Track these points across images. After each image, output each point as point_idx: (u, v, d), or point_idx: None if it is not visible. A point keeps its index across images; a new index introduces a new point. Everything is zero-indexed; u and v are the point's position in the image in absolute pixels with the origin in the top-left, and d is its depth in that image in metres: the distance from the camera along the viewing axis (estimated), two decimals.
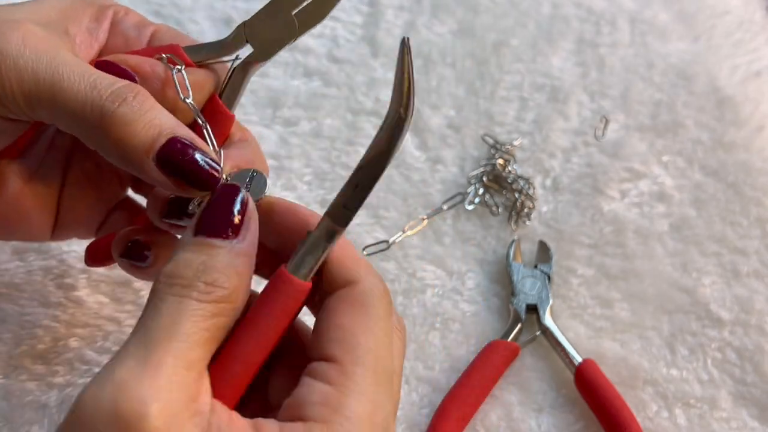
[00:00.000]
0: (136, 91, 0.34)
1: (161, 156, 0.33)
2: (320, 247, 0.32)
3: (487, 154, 0.57)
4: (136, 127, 0.33)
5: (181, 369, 0.28)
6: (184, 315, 0.29)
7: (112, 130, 0.33)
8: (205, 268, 0.30)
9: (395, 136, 0.30)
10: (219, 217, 0.31)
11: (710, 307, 0.52)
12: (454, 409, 0.46)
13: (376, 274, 0.33)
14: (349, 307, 0.32)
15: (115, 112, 0.33)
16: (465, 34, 0.63)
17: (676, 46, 0.63)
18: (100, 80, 0.33)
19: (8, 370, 0.46)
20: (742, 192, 0.56)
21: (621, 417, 0.46)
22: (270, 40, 0.37)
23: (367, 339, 0.31)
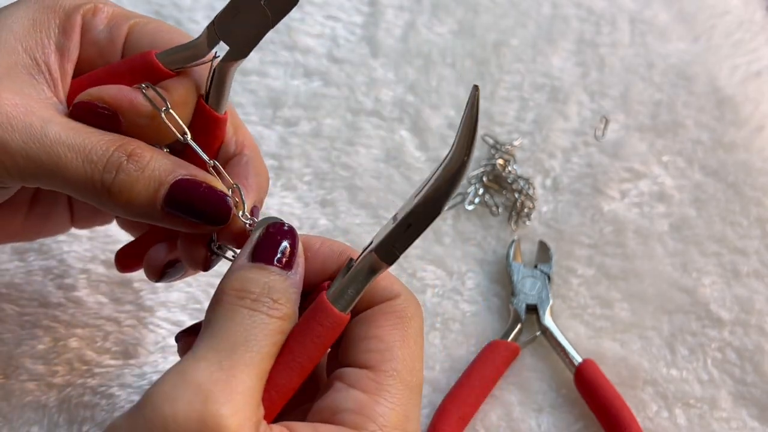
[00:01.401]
0: (128, 151, 0.34)
1: (169, 203, 0.34)
2: (362, 281, 0.32)
3: (487, 154, 0.57)
4: (138, 188, 0.34)
5: (254, 378, 0.29)
6: (257, 327, 0.30)
7: (116, 197, 0.34)
8: (270, 289, 0.31)
9: (455, 180, 0.30)
10: (274, 248, 0.33)
11: (710, 307, 0.52)
12: (454, 409, 0.46)
13: (411, 292, 0.35)
14: (388, 320, 0.33)
15: (114, 182, 0.33)
16: (465, 34, 0.63)
17: (676, 46, 0.63)
18: (93, 150, 0.34)
19: (8, 370, 0.46)
20: (742, 192, 0.56)
21: (621, 417, 0.46)
22: (244, 35, 0.35)
23: (403, 352, 0.32)
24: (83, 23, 0.37)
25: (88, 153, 0.33)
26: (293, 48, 0.61)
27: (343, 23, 0.62)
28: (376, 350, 0.32)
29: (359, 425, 0.30)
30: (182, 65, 0.36)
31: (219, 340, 0.30)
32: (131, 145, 0.34)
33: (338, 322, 0.32)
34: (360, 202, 0.55)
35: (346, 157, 0.56)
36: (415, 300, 0.34)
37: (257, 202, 0.38)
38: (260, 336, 0.30)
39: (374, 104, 0.59)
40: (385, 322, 0.33)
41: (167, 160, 0.35)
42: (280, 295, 0.31)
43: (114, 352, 0.47)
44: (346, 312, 0.32)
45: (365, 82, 0.60)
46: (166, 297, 0.49)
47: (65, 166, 0.33)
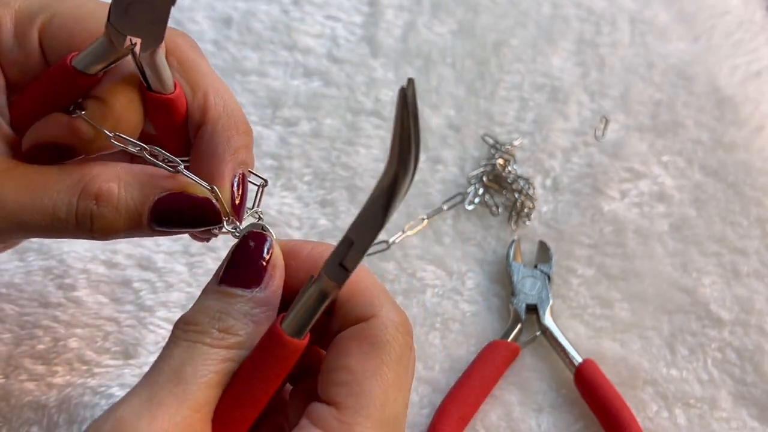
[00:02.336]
0: (93, 192, 0.32)
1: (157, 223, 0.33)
2: (314, 305, 0.30)
3: (487, 154, 0.57)
4: (119, 225, 0.33)
5: (185, 409, 0.28)
6: (194, 358, 0.29)
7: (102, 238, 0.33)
8: (221, 316, 0.30)
9: (391, 195, 0.27)
10: (242, 265, 0.31)
11: (710, 307, 0.52)
12: (454, 409, 0.46)
13: (393, 307, 0.31)
14: (358, 346, 0.30)
15: (94, 229, 0.33)
16: (465, 34, 0.63)
17: (676, 46, 0.63)
18: (57, 208, 0.32)
19: (8, 370, 0.46)
20: (742, 192, 0.56)
21: (621, 417, 0.46)
22: (150, 23, 0.32)
23: (373, 384, 0.29)
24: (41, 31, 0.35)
25: (53, 211, 0.32)
26: (293, 48, 0.61)
27: (343, 23, 0.62)
28: (343, 384, 0.29)
29: None
30: (102, 67, 0.34)
31: (155, 375, 0.29)
32: (94, 183, 0.33)
33: (290, 349, 0.30)
34: (360, 202, 0.55)
35: (346, 157, 0.56)
36: (396, 318, 0.31)
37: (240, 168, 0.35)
38: (197, 367, 0.29)
39: (374, 104, 0.59)
40: (357, 350, 0.30)
41: (137, 183, 0.33)
42: (233, 323, 0.30)
43: (114, 352, 0.47)
44: (300, 337, 0.30)
45: (365, 82, 0.60)
46: (166, 297, 0.49)
47: (37, 228, 0.32)
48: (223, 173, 0.34)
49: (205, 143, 0.35)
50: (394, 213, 0.28)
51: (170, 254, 0.51)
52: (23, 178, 0.33)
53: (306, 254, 0.33)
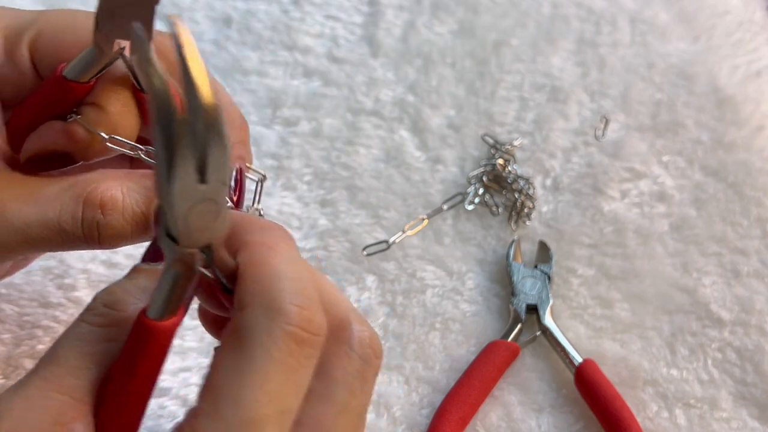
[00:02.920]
0: (96, 201, 0.32)
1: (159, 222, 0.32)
2: (169, 284, 0.27)
3: (487, 154, 0.57)
4: (126, 232, 0.32)
5: (50, 392, 0.27)
6: (69, 338, 0.28)
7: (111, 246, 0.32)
8: (111, 290, 0.28)
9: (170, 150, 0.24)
10: (153, 244, 0.30)
11: (710, 307, 0.52)
12: (454, 409, 0.46)
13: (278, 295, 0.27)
14: (229, 341, 0.27)
15: (102, 239, 0.32)
16: (465, 34, 0.63)
17: (677, 46, 0.63)
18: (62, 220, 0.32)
19: (8, 370, 0.46)
20: (743, 192, 0.56)
21: (621, 417, 0.46)
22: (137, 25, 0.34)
23: (228, 382, 0.26)
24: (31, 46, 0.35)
25: (58, 223, 0.32)
26: (293, 48, 0.61)
27: (343, 23, 0.62)
28: (204, 386, 0.26)
29: None
30: (94, 74, 0.34)
31: None
32: (97, 192, 0.32)
33: (150, 332, 0.27)
34: (360, 202, 0.55)
35: (346, 157, 0.56)
36: (275, 306, 0.26)
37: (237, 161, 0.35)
38: (71, 347, 0.27)
39: (374, 104, 0.59)
40: (225, 345, 0.27)
41: (140, 188, 0.33)
42: (122, 296, 0.28)
43: None
44: (163, 319, 0.27)
45: (365, 82, 0.60)
46: None
47: (44, 242, 0.32)
48: None
49: None
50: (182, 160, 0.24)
51: None
52: (24, 188, 0.32)
53: None
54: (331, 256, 0.52)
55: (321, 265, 0.52)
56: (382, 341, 0.49)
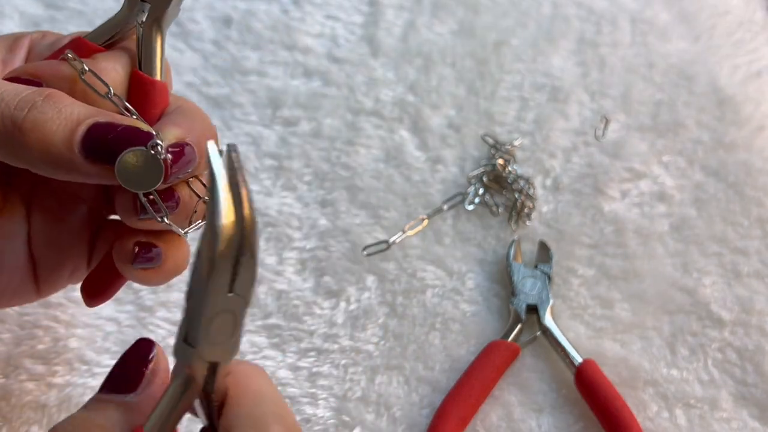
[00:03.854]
0: (45, 93, 0.33)
1: (86, 145, 0.32)
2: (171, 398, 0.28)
3: (487, 154, 0.57)
4: (52, 126, 0.32)
5: None
6: None
7: (29, 136, 0.32)
8: (86, 426, 0.28)
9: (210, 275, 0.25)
10: (120, 372, 0.30)
11: (711, 308, 0.52)
12: (454, 409, 0.46)
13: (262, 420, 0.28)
14: None
15: (26, 118, 0.32)
16: (465, 33, 0.63)
17: (677, 46, 0.63)
18: (6, 93, 0.32)
19: (8, 370, 0.46)
20: (743, 192, 0.56)
21: (621, 417, 0.46)
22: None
23: None
24: (31, 44, 0.38)
25: (2, 96, 0.32)
26: (293, 48, 0.61)
27: (343, 23, 0.62)
28: None
29: None
30: (110, 38, 0.36)
31: None
32: (49, 90, 0.33)
33: None
34: (360, 202, 0.55)
35: (346, 157, 0.56)
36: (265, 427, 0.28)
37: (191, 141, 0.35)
38: None
39: (374, 104, 0.59)
40: None
41: (88, 107, 0.33)
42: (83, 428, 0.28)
43: (114, 352, 0.47)
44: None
45: (365, 82, 0.60)
46: (166, 297, 0.49)
47: None
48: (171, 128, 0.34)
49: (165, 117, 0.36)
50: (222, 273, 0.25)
51: None
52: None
53: None
54: (331, 256, 0.52)
55: (321, 265, 0.52)
56: (382, 341, 0.50)
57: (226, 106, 0.58)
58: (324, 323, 0.50)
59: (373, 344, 0.50)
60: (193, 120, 0.36)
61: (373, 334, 0.50)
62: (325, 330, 0.50)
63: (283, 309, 0.50)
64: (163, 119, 0.36)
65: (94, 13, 0.61)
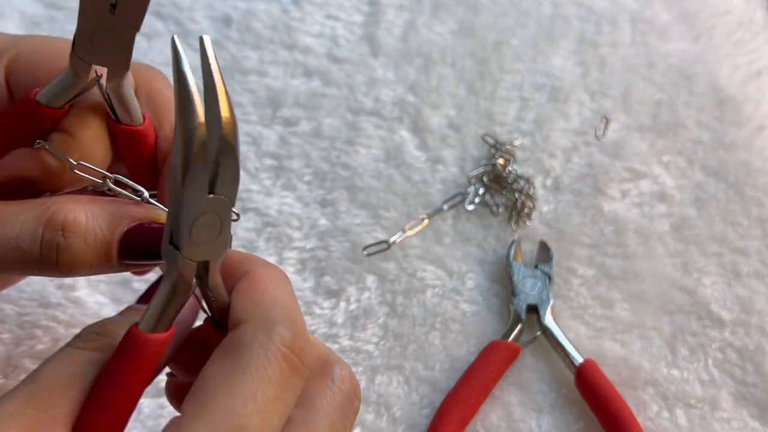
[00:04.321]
0: (58, 223, 0.31)
1: (123, 256, 0.32)
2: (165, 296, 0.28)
3: (487, 154, 0.57)
4: (86, 258, 0.31)
5: (27, 408, 0.27)
6: (54, 360, 0.28)
7: (68, 272, 0.31)
8: (105, 321, 0.29)
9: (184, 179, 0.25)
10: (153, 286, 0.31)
11: (711, 308, 0.52)
12: (454, 409, 0.46)
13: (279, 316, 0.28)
14: (220, 354, 0.27)
15: (60, 263, 0.31)
16: (465, 33, 0.63)
17: (677, 46, 0.63)
18: (20, 238, 0.31)
19: (8, 370, 0.46)
20: (743, 192, 0.56)
21: (621, 417, 0.46)
22: (114, 53, 0.32)
23: (220, 389, 0.26)
24: (7, 74, 0.35)
25: (16, 242, 0.30)
26: (293, 47, 0.61)
27: (343, 23, 0.62)
28: (192, 392, 0.27)
29: None
30: (68, 99, 0.33)
31: None
32: (60, 214, 0.31)
33: (141, 344, 0.27)
34: (360, 202, 0.55)
35: (346, 157, 0.56)
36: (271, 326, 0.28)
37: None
38: (54, 367, 0.27)
39: (374, 104, 0.59)
40: (217, 357, 0.27)
41: (104, 213, 0.32)
42: (112, 326, 0.28)
43: None
44: (155, 331, 0.28)
45: (365, 82, 0.60)
46: None
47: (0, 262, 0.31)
48: None
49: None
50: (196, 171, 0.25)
51: None
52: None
53: None
54: (331, 256, 0.52)
55: (321, 265, 0.52)
56: (382, 341, 0.50)
57: None
58: (324, 323, 0.50)
59: (373, 344, 0.49)
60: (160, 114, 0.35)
61: (373, 334, 0.50)
62: (325, 330, 0.50)
63: None
64: None
65: None
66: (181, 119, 0.24)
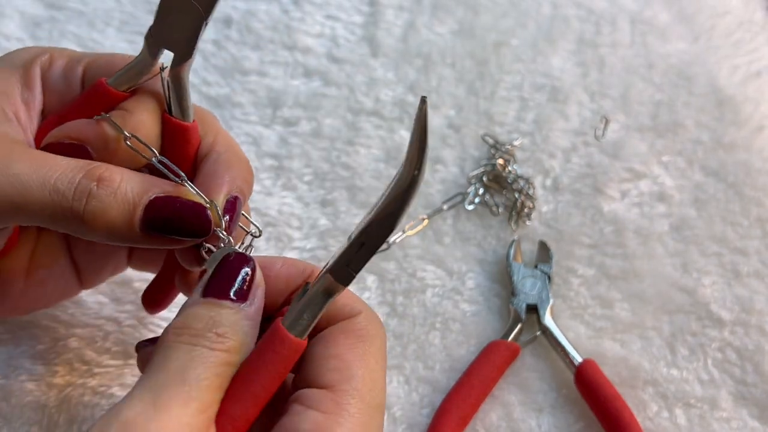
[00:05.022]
0: (96, 175, 0.33)
1: (146, 224, 0.34)
2: (319, 305, 0.31)
3: (487, 154, 0.57)
4: (112, 213, 0.33)
5: (193, 411, 0.29)
6: (196, 360, 0.30)
7: (90, 225, 0.33)
8: (214, 322, 0.31)
9: (407, 196, 0.28)
10: (228, 281, 0.32)
11: (711, 307, 0.52)
12: (454, 409, 0.46)
13: (372, 310, 0.34)
14: (347, 338, 0.32)
15: (86, 210, 0.33)
16: (465, 34, 0.63)
17: (677, 47, 0.63)
18: (59, 180, 0.33)
19: (8, 370, 0.46)
20: (743, 192, 0.56)
21: (621, 417, 0.46)
22: (182, 36, 0.35)
23: (363, 371, 0.32)
24: (42, 74, 0.38)
25: (54, 183, 0.33)
26: (293, 48, 0.61)
27: (343, 23, 0.62)
28: (335, 369, 0.31)
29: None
30: (133, 84, 0.37)
31: (155, 378, 0.29)
32: (99, 169, 0.34)
33: (294, 348, 0.31)
34: (360, 202, 0.55)
35: (346, 157, 0.56)
36: (376, 318, 0.34)
37: (236, 192, 0.36)
38: (200, 369, 0.29)
39: (374, 104, 0.59)
40: (345, 341, 0.32)
41: (138, 179, 0.34)
42: (226, 329, 0.31)
43: (114, 352, 0.47)
44: (302, 337, 0.31)
45: (365, 82, 0.60)
46: None
47: (33, 198, 0.33)
48: (220, 188, 0.36)
49: (207, 167, 0.37)
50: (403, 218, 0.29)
51: None
52: (36, 157, 0.34)
53: (278, 269, 0.35)
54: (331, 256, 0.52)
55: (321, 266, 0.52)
56: None
57: (226, 106, 0.58)
58: None
59: None
60: (230, 167, 0.37)
61: None
62: None
63: None
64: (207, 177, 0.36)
65: (94, 13, 0.61)
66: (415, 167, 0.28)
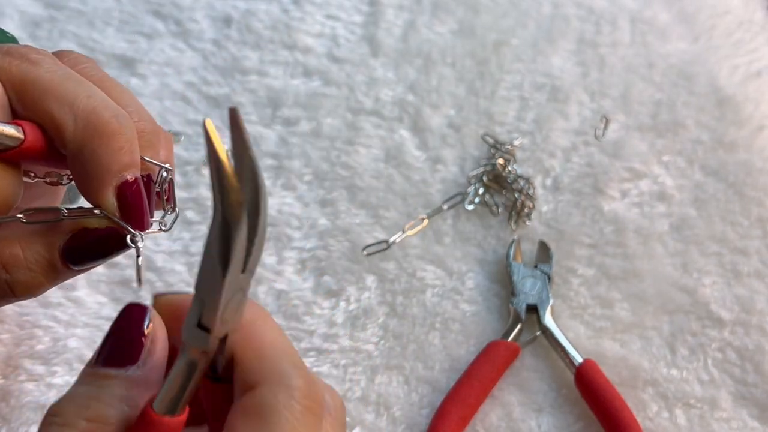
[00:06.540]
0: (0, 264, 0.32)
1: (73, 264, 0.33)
2: (185, 378, 0.27)
3: (487, 153, 0.57)
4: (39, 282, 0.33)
5: None
6: None
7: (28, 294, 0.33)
8: (90, 404, 0.27)
9: (226, 246, 0.24)
10: (117, 343, 0.28)
11: (711, 307, 0.52)
12: (454, 409, 0.46)
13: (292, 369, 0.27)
14: (244, 422, 0.27)
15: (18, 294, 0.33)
16: (465, 33, 0.63)
17: (677, 46, 0.63)
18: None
19: (7, 370, 0.46)
20: (743, 192, 0.56)
21: (621, 417, 0.46)
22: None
23: None
24: None
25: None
26: (293, 47, 0.61)
27: (343, 23, 0.62)
28: None
29: None
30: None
31: None
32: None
33: (164, 429, 0.27)
34: (360, 202, 0.55)
35: (346, 156, 0.56)
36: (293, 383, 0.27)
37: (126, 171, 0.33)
38: None
39: (374, 104, 0.59)
40: (242, 426, 0.27)
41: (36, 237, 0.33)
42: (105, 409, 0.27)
43: None
44: (175, 413, 0.27)
45: (365, 82, 0.60)
46: None
47: None
48: (98, 190, 0.33)
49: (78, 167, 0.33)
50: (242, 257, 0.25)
51: (170, 254, 0.51)
52: None
53: None
54: (331, 256, 0.52)
55: (321, 265, 0.52)
56: (382, 341, 0.50)
57: (226, 105, 0.58)
58: (324, 323, 0.50)
59: (372, 344, 0.50)
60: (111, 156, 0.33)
61: (373, 334, 0.50)
62: (324, 330, 0.50)
63: (282, 309, 0.50)
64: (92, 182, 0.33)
65: (93, 13, 0.61)
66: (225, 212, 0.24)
